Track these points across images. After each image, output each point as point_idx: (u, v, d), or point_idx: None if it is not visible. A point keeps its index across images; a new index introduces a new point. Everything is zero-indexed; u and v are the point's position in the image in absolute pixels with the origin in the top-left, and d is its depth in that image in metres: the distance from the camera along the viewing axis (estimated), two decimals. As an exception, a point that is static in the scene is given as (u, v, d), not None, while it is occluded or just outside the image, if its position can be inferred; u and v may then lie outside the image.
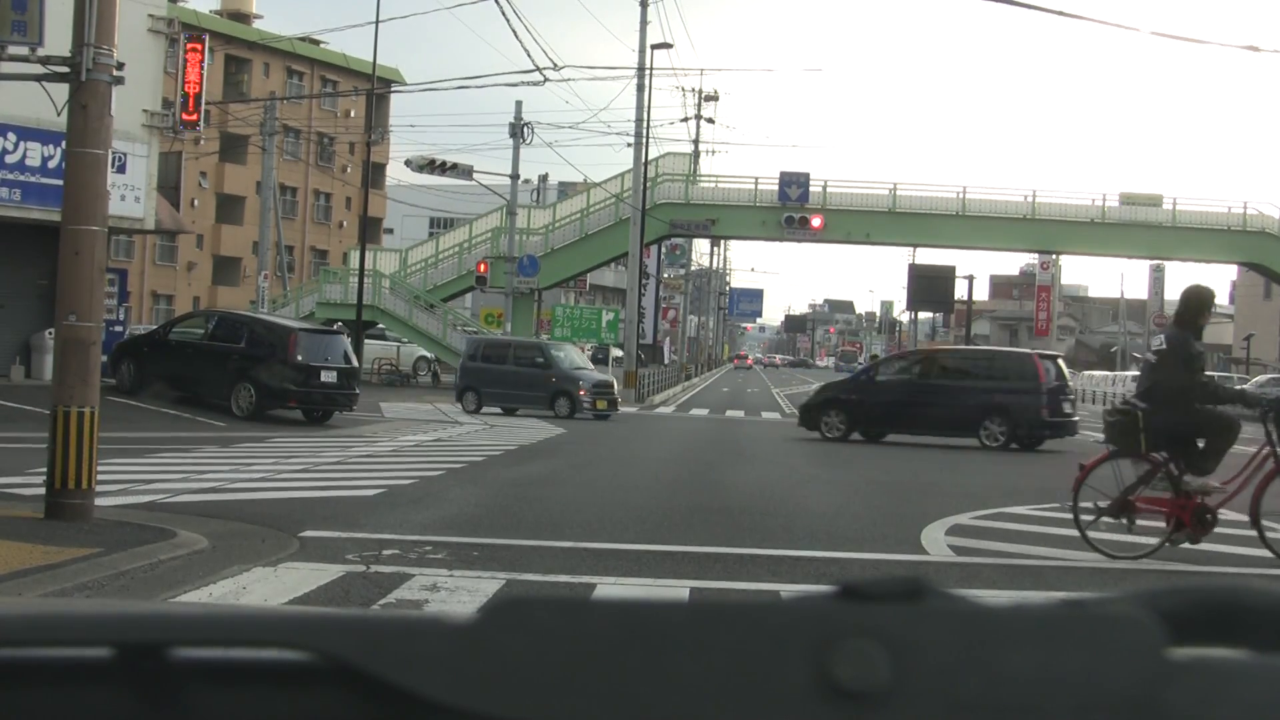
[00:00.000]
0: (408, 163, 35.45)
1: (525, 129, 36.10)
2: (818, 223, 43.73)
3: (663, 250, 62.54)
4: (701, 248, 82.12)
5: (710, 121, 76.70)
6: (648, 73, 38.51)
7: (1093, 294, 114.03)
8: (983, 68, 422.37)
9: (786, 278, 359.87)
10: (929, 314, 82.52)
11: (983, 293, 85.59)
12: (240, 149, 53.03)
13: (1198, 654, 0.80)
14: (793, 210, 43.63)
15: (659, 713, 0.75)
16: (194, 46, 23.15)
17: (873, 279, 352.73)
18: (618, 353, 43.33)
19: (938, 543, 10.20)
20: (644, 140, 38.62)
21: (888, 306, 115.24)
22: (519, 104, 55.29)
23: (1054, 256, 58.98)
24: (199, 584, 7.44)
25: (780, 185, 43.83)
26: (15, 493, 10.79)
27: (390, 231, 69.19)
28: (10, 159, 20.96)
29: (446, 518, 10.61)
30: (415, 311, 40.55)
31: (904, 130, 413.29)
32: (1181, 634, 0.80)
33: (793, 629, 0.76)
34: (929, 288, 55.77)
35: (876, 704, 0.74)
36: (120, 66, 9.73)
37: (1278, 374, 48.84)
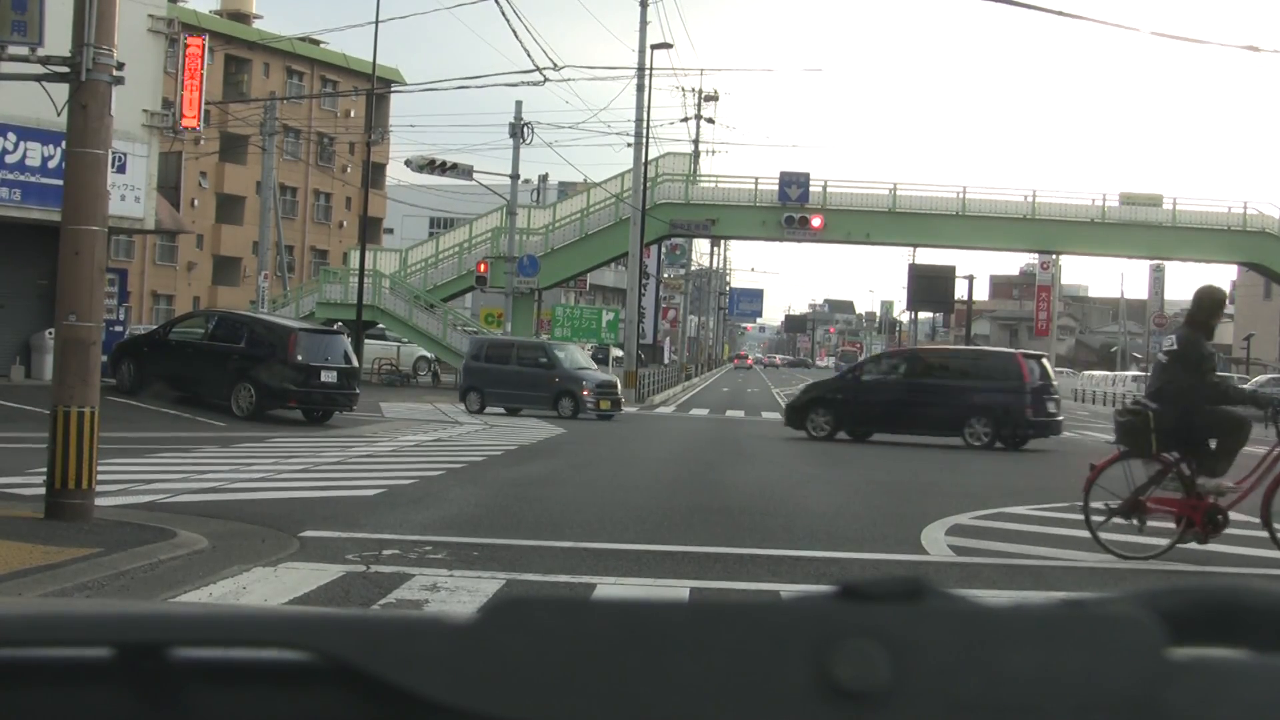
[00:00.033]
0: (408, 163, 35.47)
1: (525, 129, 36.10)
2: (818, 223, 43.73)
3: (663, 250, 62.53)
4: (701, 248, 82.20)
5: (710, 121, 76.82)
6: (648, 73, 38.54)
7: (1093, 294, 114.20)
8: (982, 68, 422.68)
9: (786, 278, 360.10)
10: (929, 314, 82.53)
11: (983, 293, 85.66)
12: (240, 149, 53.04)
13: (1198, 654, 0.80)
14: (793, 210, 43.63)
15: (659, 713, 0.75)
16: (194, 45, 23.17)
17: (873, 279, 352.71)
18: (618, 353, 43.34)
19: (938, 543, 10.21)
20: (644, 140, 38.62)
21: (888, 306, 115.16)
22: (519, 104, 55.40)
23: (1054, 256, 58.88)
24: (199, 584, 7.45)
25: (780, 185, 43.83)
26: (15, 493, 10.79)
27: (390, 231, 69.19)
28: (10, 159, 20.96)
29: (446, 518, 10.61)
30: (415, 311, 40.54)
31: (904, 130, 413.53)
32: (1181, 634, 0.80)
33: (793, 629, 0.76)
34: (929, 288, 55.74)
35: (876, 704, 0.74)
36: (120, 66, 9.74)
37: (1278, 374, 48.85)
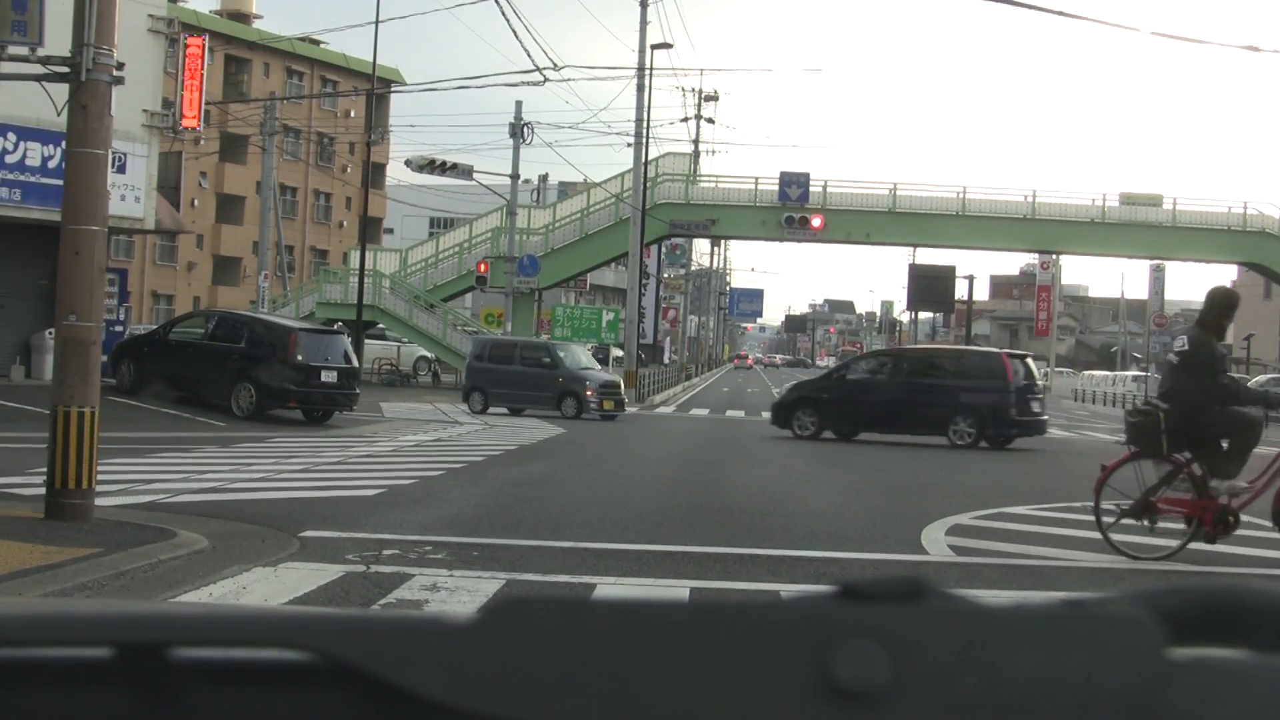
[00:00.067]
0: (408, 163, 35.46)
1: (525, 129, 36.09)
2: (818, 223, 43.73)
3: (663, 250, 62.50)
4: (701, 248, 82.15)
5: (710, 121, 76.75)
6: (648, 73, 38.51)
7: (1093, 294, 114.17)
8: (983, 68, 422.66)
9: (786, 278, 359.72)
10: (929, 314, 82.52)
11: (983, 293, 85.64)
12: (240, 149, 53.03)
13: (1198, 654, 0.80)
14: (793, 210, 43.63)
15: (659, 713, 0.75)
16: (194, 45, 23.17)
17: (873, 279, 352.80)
18: (618, 352, 43.34)
19: (938, 543, 10.21)
20: (644, 140, 38.60)
21: (888, 306, 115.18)
22: (519, 104, 55.32)
23: (1054, 256, 58.88)
24: (199, 584, 7.44)
25: (780, 185, 43.82)
26: (15, 493, 10.79)
27: (390, 231, 69.18)
28: (10, 159, 20.96)
29: (446, 518, 10.61)
30: (415, 311, 40.54)
31: (904, 130, 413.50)
32: (1181, 634, 0.80)
33: (793, 629, 0.76)
34: (929, 288, 55.78)
35: (876, 704, 0.74)
36: (120, 66, 9.73)
37: (1278, 374, 48.84)
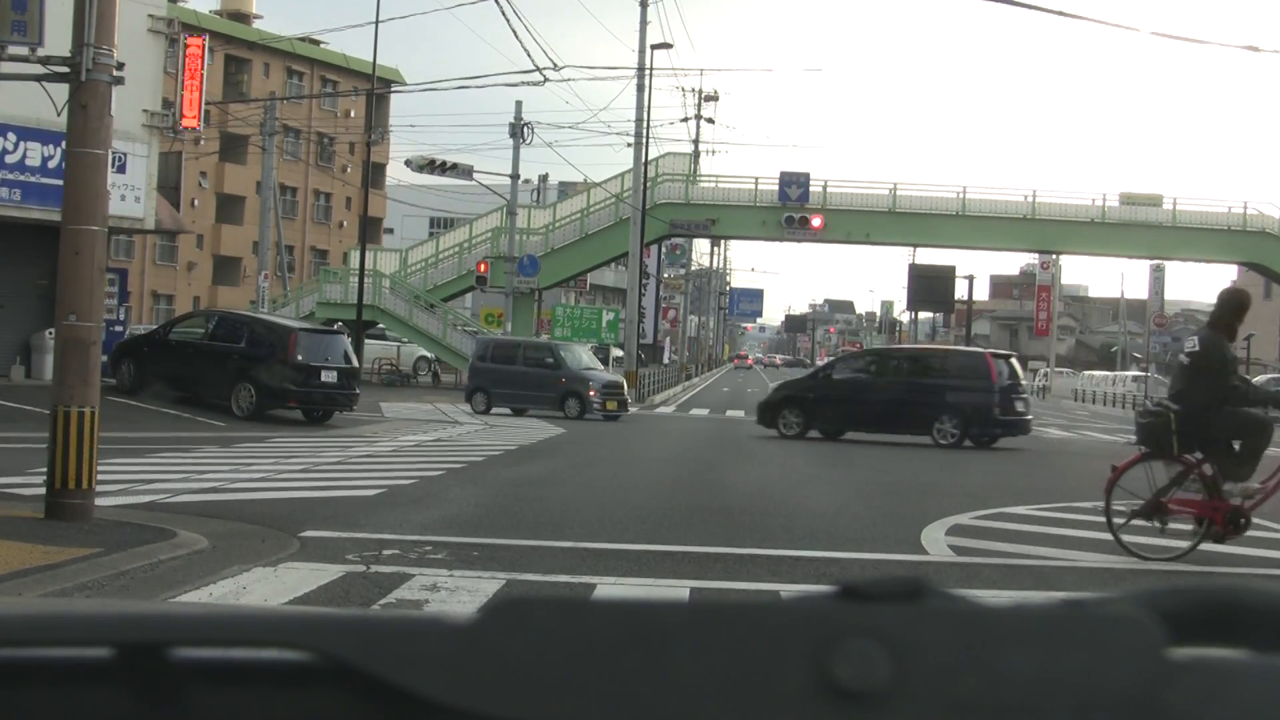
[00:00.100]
0: (408, 163, 35.46)
1: (525, 129, 36.09)
2: (818, 223, 43.72)
3: (663, 250, 62.48)
4: (701, 248, 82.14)
5: (710, 121, 76.72)
6: (648, 73, 38.51)
7: (1093, 294, 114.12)
8: (982, 68, 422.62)
9: (786, 278, 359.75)
10: (929, 314, 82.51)
11: (983, 293, 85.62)
12: (240, 149, 53.03)
13: (1198, 654, 0.80)
14: (793, 210, 43.62)
15: (659, 713, 0.75)
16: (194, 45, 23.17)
17: (873, 279, 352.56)
18: (618, 352, 43.32)
19: (938, 543, 10.20)
20: (644, 140, 38.60)
21: (888, 306, 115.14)
22: (519, 104, 55.32)
23: (1054, 256, 58.89)
24: (199, 584, 7.44)
25: (780, 185, 43.82)
26: (15, 493, 10.79)
27: (390, 231, 69.17)
28: (10, 159, 20.96)
29: (446, 518, 10.61)
30: (415, 311, 40.55)
31: (904, 130, 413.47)
32: (1181, 634, 0.80)
33: (793, 629, 0.76)
34: (929, 288, 55.74)
35: (876, 704, 0.74)
36: (120, 66, 9.73)
37: (1278, 374, 48.82)
